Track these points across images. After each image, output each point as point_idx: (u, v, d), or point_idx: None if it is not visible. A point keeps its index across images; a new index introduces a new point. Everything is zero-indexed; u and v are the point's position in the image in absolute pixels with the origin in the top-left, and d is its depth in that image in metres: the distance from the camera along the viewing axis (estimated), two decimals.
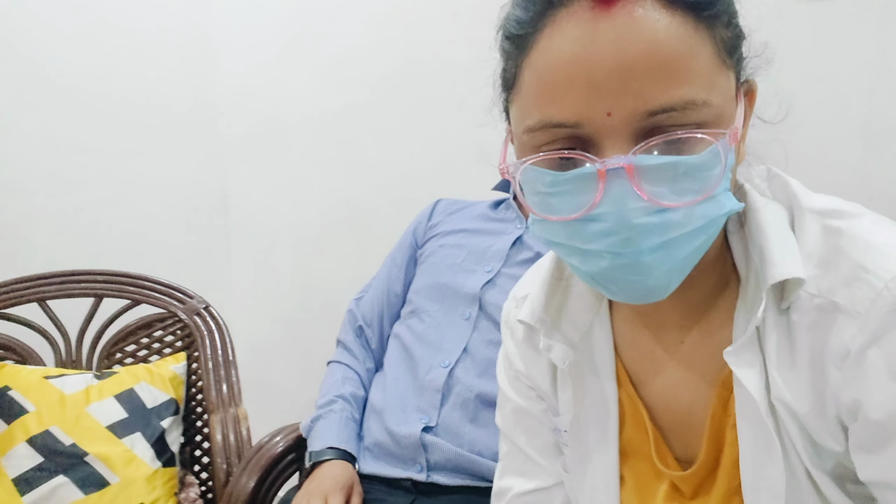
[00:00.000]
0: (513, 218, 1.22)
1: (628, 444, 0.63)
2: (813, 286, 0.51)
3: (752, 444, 0.54)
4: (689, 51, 0.46)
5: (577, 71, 0.46)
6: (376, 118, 1.74)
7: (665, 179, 0.46)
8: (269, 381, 1.93)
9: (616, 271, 0.49)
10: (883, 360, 0.47)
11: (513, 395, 0.71)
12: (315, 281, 1.86)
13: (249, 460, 1.12)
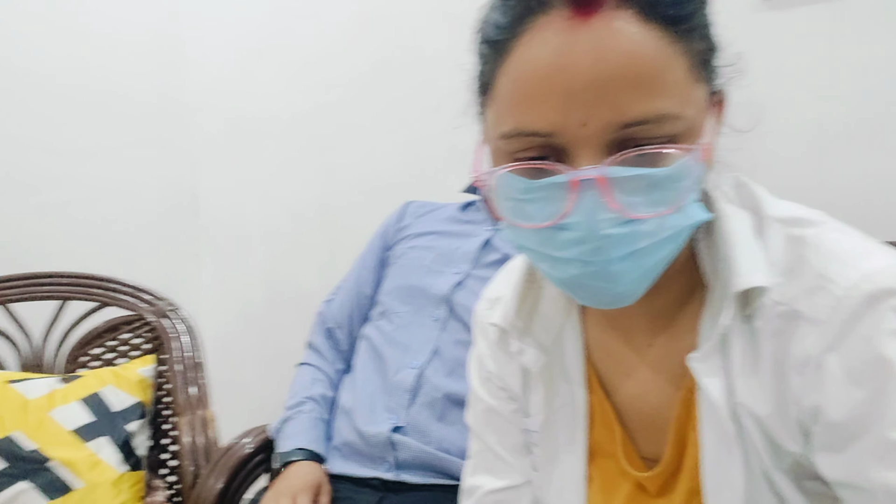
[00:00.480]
0: (482, 220, 1.23)
1: (596, 444, 0.65)
2: (777, 294, 0.52)
3: (714, 446, 0.56)
4: (665, 64, 0.47)
5: (553, 80, 0.47)
6: (349, 119, 1.74)
7: (636, 191, 0.47)
8: (238, 383, 1.92)
9: (585, 278, 0.50)
10: (841, 365, 0.49)
11: (484, 396, 0.72)
12: (285, 282, 1.86)
13: (217, 462, 1.11)
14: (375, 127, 1.69)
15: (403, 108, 1.65)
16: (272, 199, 1.88)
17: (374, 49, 1.69)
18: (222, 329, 1.95)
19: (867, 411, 0.47)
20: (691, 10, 0.48)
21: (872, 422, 0.47)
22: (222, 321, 1.96)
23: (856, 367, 0.48)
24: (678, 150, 0.47)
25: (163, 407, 1.36)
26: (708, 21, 0.51)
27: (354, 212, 1.73)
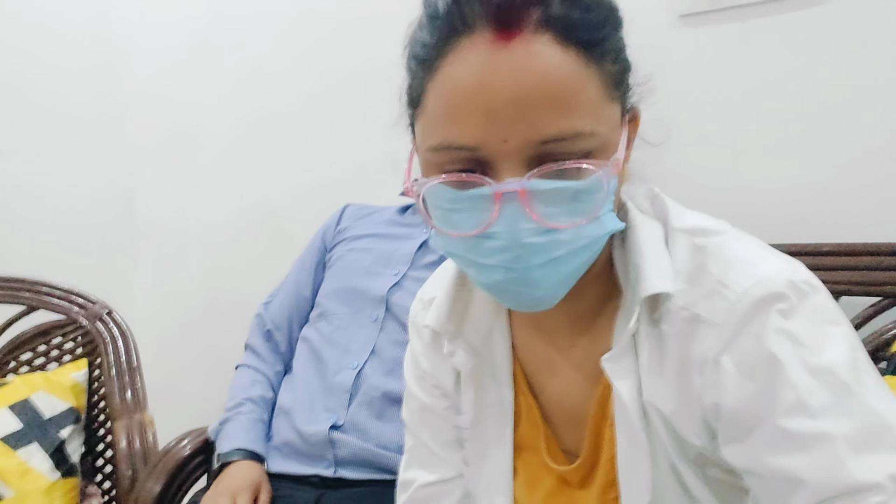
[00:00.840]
0: (419, 223, 1.26)
1: (522, 440, 0.68)
2: (681, 299, 0.56)
3: (626, 441, 0.60)
4: (580, 85, 0.50)
5: (477, 99, 0.50)
6: (289, 121, 1.74)
7: (554, 202, 0.50)
8: (176, 386, 1.89)
9: (508, 283, 0.53)
10: (734, 363, 0.53)
11: (419, 393, 0.75)
12: (225, 284, 1.85)
13: (156, 465, 1.11)
14: (316, 130, 1.71)
15: (344, 111, 1.66)
16: (211, 200, 1.87)
17: (315, 52, 1.70)
18: (159, 332, 1.92)
19: (760, 403, 0.51)
20: (605, 34, 0.52)
21: (765, 412, 0.51)
22: (159, 324, 1.93)
23: (747, 363, 0.52)
24: (592, 164, 0.51)
25: (97, 412, 1.34)
26: (621, 44, 0.55)
27: (294, 214, 1.73)
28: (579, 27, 0.50)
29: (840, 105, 1.15)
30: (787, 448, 0.49)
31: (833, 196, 1.16)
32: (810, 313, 0.52)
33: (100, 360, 1.35)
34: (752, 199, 1.22)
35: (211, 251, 1.87)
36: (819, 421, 0.48)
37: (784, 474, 0.50)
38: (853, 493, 0.46)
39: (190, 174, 1.90)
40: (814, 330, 0.51)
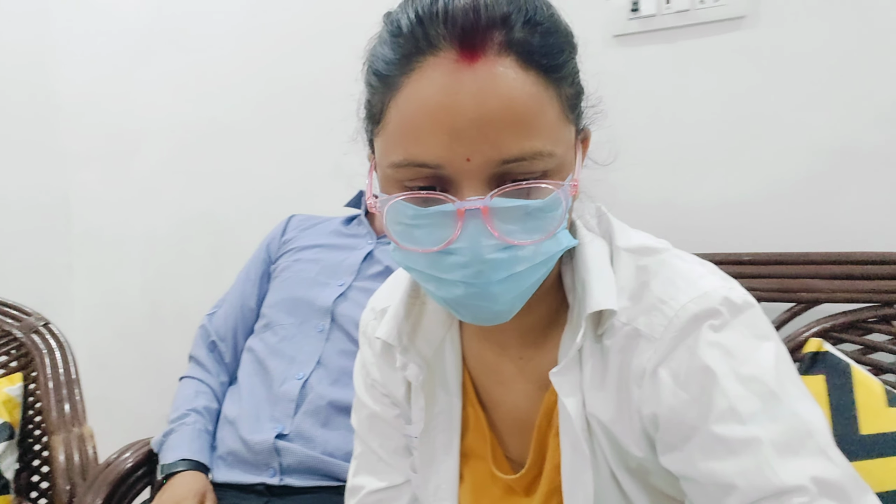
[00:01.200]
0: (364, 233, 1.29)
1: (469, 448, 0.71)
2: (624, 316, 0.59)
3: (569, 450, 0.62)
4: (540, 107, 0.52)
5: (441, 118, 0.50)
6: (234, 129, 1.73)
7: (514, 220, 0.52)
8: (117, 399, 1.85)
9: (468, 298, 0.55)
10: (670, 374, 0.56)
11: (368, 401, 0.76)
12: (167, 295, 1.82)
13: (95, 478, 1.10)
14: (260, 139, 1.70)
15: (290, 120, 1.67)
16: (152, 209, 1.84)
17: (260, 62, 1.70)
18: (99, 344, 1.88)
19: (695, 411, 0.54)
20: (563, 60, 0.55)
21: (700, 420, 0.53)
22: (99, 336, 1.89)
23: (683, 374, 0.55)
24: (551, 184, 0.53)
25: (34, 427, 1.31)
26: (576, 69, 0.58)
27: (238, 224, 1.73)
28: (540, 52, 0.52)
29: (759, 123, 1.23)
30: (720, 453, 0.52)
31: (753, 209, 1.24)
32: (741, 328, 0.56)
33: (36, 374, 1.32)
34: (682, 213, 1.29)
35: (152, 261, 1.84)
36: (748, 426, 0.51)
37: (717, 479, 0.52)
38: (779, 494, 0.49)
39: (129, 182, 1.86)
40: (744, 343, 0.55)
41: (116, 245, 1.89)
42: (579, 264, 0.62)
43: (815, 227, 1.19)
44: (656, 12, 1.29)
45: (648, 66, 1.30)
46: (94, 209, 1.92)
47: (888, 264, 1.07)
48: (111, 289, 1.89)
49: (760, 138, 1.23)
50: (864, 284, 1.08)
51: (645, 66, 1.31)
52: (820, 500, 0.48)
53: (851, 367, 0.98)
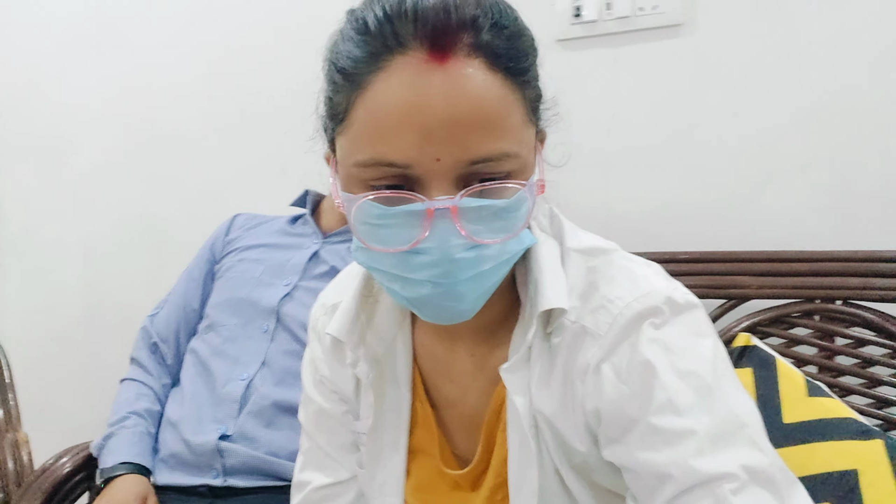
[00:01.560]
0: (310, 233, 1.28)
1: (417, 444, 0.71)
2: (573, 315, 0.61)
3: (517, 446, 0.63)
4: (506, 109, 0.53)
5: (411, 117, 0.50)
6: (176, 129, 1.70)
7: (481, 220, 0.53)
8: (55, 403, 1.80)
9: (434, 298, 0.55)
10: (613, 369, 0.58)
11: (316, 397, 0.76)
12: (107, 297, 1.77)
13: (31, 485, 1.07)
14: (203, 136, 1.68)
15: (233, 119, 1.65)
16: (92, 209, 1.79)
17: (201, 59, 1.67)
18: (35, 347, 1.82)
19: (635, 404, 0.56)
20: (527, 64, 0.56)
21: (639, 413, 0.55)
22: (34, 338, 1.83)
23: (624, 369, 0.57)
24: (517, 184, 0.54)
25: None
26: (538, 74, 0.59)
27: (180, 224, 1.69)
28: (506, 55, 0.53)
29: (691, 127, 1.28)
30: (657, 444, 0.54)
31: (686, 209, 1.29)
32: (681, 326, 0.58)
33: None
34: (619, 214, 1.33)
35: (91, 262, 1.79)
36: (684, 418, 0.53)
37: (653, 469, 0.54)
38: (710, 482, 0.51)
39: (67, 181, 1.81)
40: (683, 340, 0.57)
41: (53, 246, 1.83)
42: (532, 264, 0.63)
43: (743, 227, 1.25)
44: (598, 18, 1.33)
45: (589, 70, 1.34)
46: (28, 209, 1.85)
47: (810, 262, 1.14)
48: (47, 291, 1.83)
49: (692, 141, 1.29)
50: (789, 281, 1.15)
51: (586, 70, 1.34)
52: (749, 487, 0.50)
53: (776, 359, 1.04)
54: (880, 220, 1.17)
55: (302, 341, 1.14)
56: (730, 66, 1.26)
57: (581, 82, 1.34)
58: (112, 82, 1.76)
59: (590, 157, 1.33)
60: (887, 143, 1.17)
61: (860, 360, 1.12)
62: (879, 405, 1.09)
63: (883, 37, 1.17)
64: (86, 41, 1.78)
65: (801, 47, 1.22)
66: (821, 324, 1.14)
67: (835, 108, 1.20)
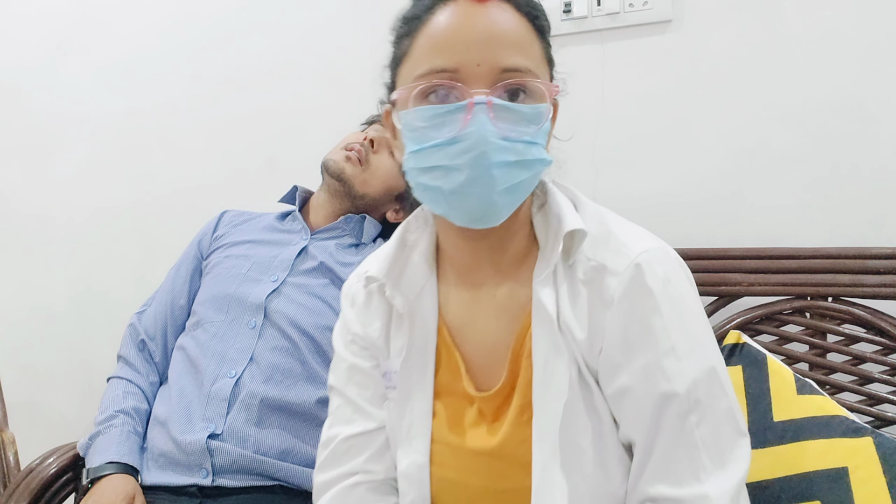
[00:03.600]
0: (298, 229, 1.27)
1: (442, 384, 0.78)
2: (591, 253, 0.72)
3: (544, 355, 0.71)
4: (529, 40, 0.69)
5: (458, 34, 0.67)
6: (164, 124, 1.69)
7: (510, 120, 0.66)
8: (42, 403, 1.78)
9: (470, 185, 0.66)
10: (629, 303, 0.69)
11: (347, 356, 0.84)
12: (95, 294, 1.76)
13: (17, 485, 1.06)
14: (192, 132, 1.67)
15: (221, 114, 1.64)
16: (79, 205, 1.77)
17: (190, 55, 1.66)
18: (21, 347, 1.81)
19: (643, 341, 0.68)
20: (545, 23, 0.73)
21: (647, 351, 0.68)
22: (21, 337, 1.81)
23: (634, 301, 0.69)
24: (540, 83, 0.68)
25: None
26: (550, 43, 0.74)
27: (168, 220, 1.68)
28: (528, 10, 0.71)
29: (679, 123, 1.28)
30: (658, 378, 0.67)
31: (676, 206, 1.28)
32: (676, 276, 0.71)
33: None
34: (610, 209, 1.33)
35: (79, 258, 1.78)
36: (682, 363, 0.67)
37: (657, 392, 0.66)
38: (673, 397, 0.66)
39: (53, 176, 1.79)
40: (682, 289, 0.71)
41: (39, 243, 1.81)
42: (553, 206, 0.75)
43: (733, 224, 1.24)
44: (587, 14, 1.32)
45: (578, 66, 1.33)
46: (12, 206, 1.84)
47: (800, 259, 1.13)
48: (34, 287, 1.82)
49: (681, 138, 1.28)
50: (779, 278, 1.14)
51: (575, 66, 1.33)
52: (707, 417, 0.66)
53: (767, 357, 1.03)
54: (870, 217, 1.17)
55: (290, 338, 1.14)
56: (718, 62, 1.26)
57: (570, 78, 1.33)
58: (98, 79, 1.75)
59: (578, 153, 1.33)
60: (876, 139, 1.17)
61: (851, 357, 1.12)
62: (871, 402, 1.09)
63: (870, 33, 1.17)
64: (71, 38, 1.76)
65: (790, 44, 1.21)
66: (812, 321, 1.14)
67: (824, 105, 1.20)
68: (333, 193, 1.27)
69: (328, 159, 1.27)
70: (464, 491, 0.75)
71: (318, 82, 1.55)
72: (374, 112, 1.38)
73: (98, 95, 1.75)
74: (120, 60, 1.73)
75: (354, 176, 1.24)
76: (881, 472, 0.86)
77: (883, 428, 1.05)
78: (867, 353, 1.10)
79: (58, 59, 1.78)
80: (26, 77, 1.81)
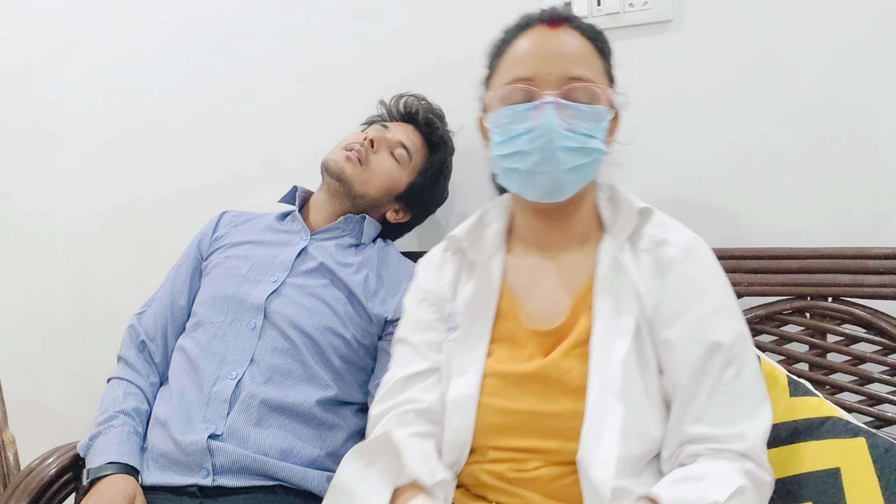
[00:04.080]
0: (298, 230, 1.27)
1: (499, 331, 0.90)
2: (652, 232, 0.89)
3: (607, 300, 0.85)
4: (590, 57, 0.88)
5: (534, 52, 0.87)
6: (164, 124, 1.69)
7: (572, 116, 0.83)
8: (42, 403, 1.79)
9: (539, 165, 0.83)
10: (685, 267, 0.85)
11: (415, 311, 0.99)
12: (96, 295, 1.76)
13: (17, 486, 1.06)
14: (192, 133, 1.67)
15: (221, 115, 1.64)
16: (79, 205, 1.77)
17: (190, 55, 1.66)
18: (22, 347, 1.81)
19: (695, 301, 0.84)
20: (606, 48, 0.93)
21: (698, 308, 0.83)
22: (22, 338, 1.81)
23: (689, 267, 0.86)
24: (597, 87, 0.86)
25: None
26: (612, 64, 0.94)
27: (168, 220, 1.68)
28: (592, 35, 0.91)
29: (679, 123, 1.28)
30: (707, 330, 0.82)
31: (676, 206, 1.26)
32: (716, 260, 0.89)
33: None
34: None
35: (77, 260, 1.78)
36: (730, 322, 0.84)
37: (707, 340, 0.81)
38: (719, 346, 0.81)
39: (53, 176, 1.79)
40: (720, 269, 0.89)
41: (39, 241, 1.81)
42: (621, 197, 0.93)
43: (733, 224, 1.24)
44: (588, 14, 1.32)
45: None
46: (13, 206, 1.84)
47: (800, 259, 1.13)
48: (34, 287, 1.82)
49: (680, 138, 1.28)
50: (779, 278, 1.14)
51: None
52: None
53: (760, 358, 1.03)
54: (870, 217, 1.17)
55: (290, 338, 1.14)
56: (718, 62, 1.26)
57: None
58: (98, 79, 1.75)
59: None
60: (876, 138, 1.17)
61: (851, 358, 1.11)
62: (871, 402, 1.09)
63: (871, 33, 1.17)
64: (72, 38, 1.76)
65: (790, 44, 1.21)
66: (812, 321, 1.14)
67: (824, 104, 1.19)
68: (333, 193, 1.27)
69: (328, 159, 1.27)
70: (508, 416, 0.85)
71: (318, 83, 1.55)
72: (374, 112, 1.40)
73: (99, 97, 1.75)
74: (120, 62, 1.73)
75: (354, 176, 1.24)
76: (874, 472, 0.85)
77: (883, 428, 1.05)
78: (867, 353, 1.10)
79: (59, 59, 1.78)
80: (27, 78, 1.81)
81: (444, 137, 1.33)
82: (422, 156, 1.31)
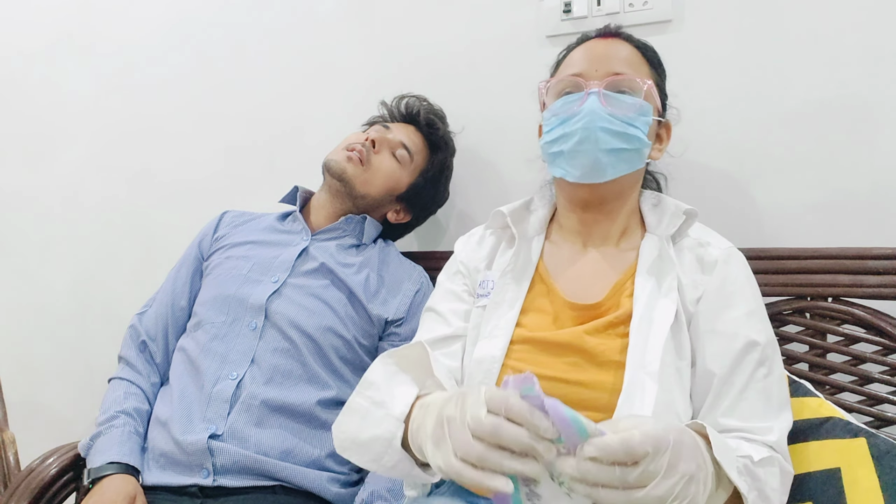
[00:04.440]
0: (299, 230, 1.27)
1: (530, 304, 0.94)
2: (695, 235, 0.95)
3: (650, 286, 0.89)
4: (637, 62, 0.97)
5: (586, 55, 0.97)
6: (164, 125, 1.69)
7: (614, 104, 0.91)
8: (42, 403, 1.79)
9: (580, 144, 0.90)
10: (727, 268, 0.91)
11: (447, 284, 1.03)
12: (97, 295, 1.76)
13: (17, 486, 1.06)
14: (193, 133, 1.67)
15: (221, 116, 1.64)
16: (80, 206, 1.77)
17: (189, 56, 1.66)
18: (23, 347, 1.81)
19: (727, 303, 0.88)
20: (655, 59, 1.02)
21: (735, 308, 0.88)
22: (23, 338, 1.81)
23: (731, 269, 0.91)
24: (637, 80, 0.94)
25: None
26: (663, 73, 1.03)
27: (168, 221, 1.68)
28: (640, 43, 1.02)
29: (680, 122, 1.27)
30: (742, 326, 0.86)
31: None
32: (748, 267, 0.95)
33: None
34: None
35: (78, 259, 1.78)
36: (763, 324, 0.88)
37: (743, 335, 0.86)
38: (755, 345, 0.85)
39: (54, 176, 1.79)
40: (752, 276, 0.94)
41: (41, 244, 1.81)
42: (667, 202, 0.98)
43: (733, 224, 1.24)
44: (588, 14, 1.32)
45: None
46: (13, 205, 1.84)
47: (800, 259, 1.14)
48: (35, 287, 1.82)
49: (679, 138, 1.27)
50: (779, 278, 1.14)
51: None
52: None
53: None
54: (871, 218, 1.18)
55: (290, 339, 1.14)
56: (718, 62, 1.26)
57: None
58: (99, 79, 1.75)
59: None
60: (877, 139, 1.17)
61: (851, 358, 1.12)
62: (871, 402, 1.09)
63: (871, 33, 1.17)
64: (72, 38, 1.77)
65: (790, 44, 1.21)
66: (812, 321, 1.14)
67: (824, 105, 1.20)
68: (334, 194, 1.27)
69: (329, 159, 1.27)
70: None
71: (320, 83, 1.55)
72: (375, 113, 1.40)
73: (99, 96, 1.75)
74: (121, 61, 1.73)
75: (356, 176, 1.24)
76: (874, 472, 0.86)
77: (883, 428, 1.06)
78: (867, 353, 1.10)
79: (59, 59, 1.78)
80: (27, 77, 1.81)
81: (445, 138, 1.34)
82: (423, 156, 1.31)
